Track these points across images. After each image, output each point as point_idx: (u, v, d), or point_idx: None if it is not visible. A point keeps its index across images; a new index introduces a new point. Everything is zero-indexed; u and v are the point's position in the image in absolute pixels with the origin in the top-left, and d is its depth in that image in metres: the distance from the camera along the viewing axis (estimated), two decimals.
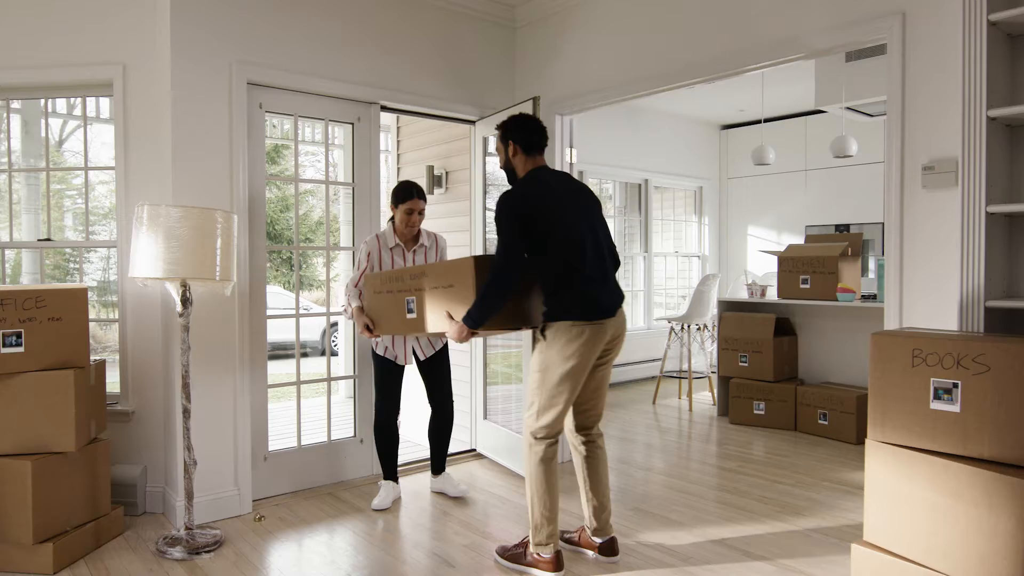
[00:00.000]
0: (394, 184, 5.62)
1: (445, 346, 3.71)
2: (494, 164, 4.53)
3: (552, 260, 2.68)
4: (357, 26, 3.89)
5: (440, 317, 2.89)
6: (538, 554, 2.75)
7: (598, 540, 2.91)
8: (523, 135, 2.84)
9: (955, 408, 2.22)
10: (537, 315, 2.82)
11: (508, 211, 2.68)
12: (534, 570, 2.76)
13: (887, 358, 2.37)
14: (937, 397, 2.26)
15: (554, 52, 4.35)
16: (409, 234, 3.55)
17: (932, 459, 2.25)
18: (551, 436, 2.74)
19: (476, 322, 2.67)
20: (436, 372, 3.67)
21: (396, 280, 3.13)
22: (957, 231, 2.60)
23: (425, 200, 3.53)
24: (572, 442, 2.97)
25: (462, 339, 2.76)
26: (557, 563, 2.74)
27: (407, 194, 3.48)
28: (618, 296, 2.80)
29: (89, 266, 7.70)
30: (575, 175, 4.43)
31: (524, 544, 2.83)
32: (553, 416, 2.72)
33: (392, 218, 3.58)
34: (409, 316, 3.06)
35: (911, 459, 2.31)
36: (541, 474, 2.74)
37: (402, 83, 4.07)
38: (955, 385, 2.22)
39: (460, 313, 2.76)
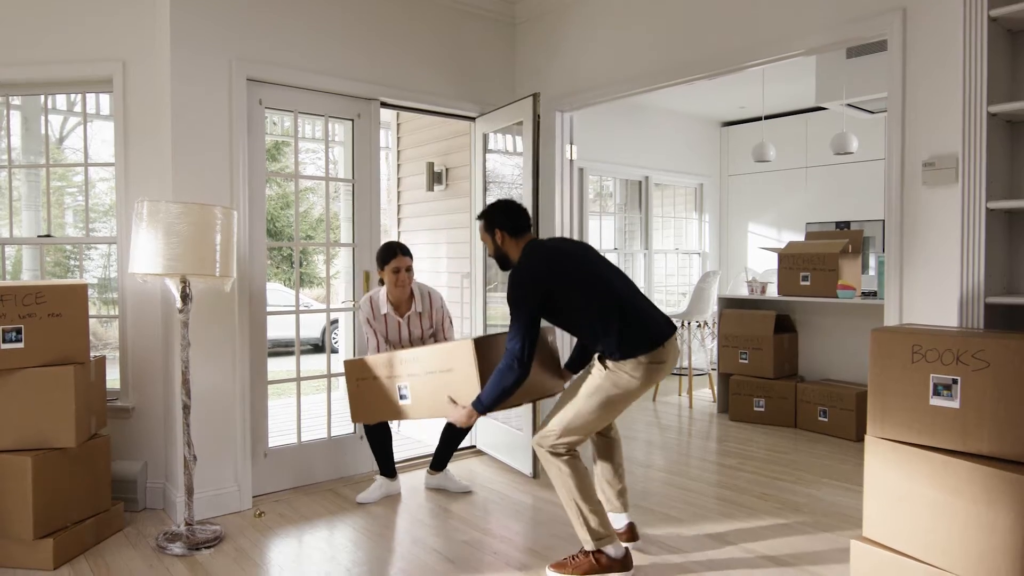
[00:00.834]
0: (394, 172, 5.60)
1: None
2: (495, 161, 4.52)
3: (588, 305, 2.63)
4: (357, 22, 3.88)
5: (440, 402, 2.90)
6: (603, 552, 2.65)
7: (618, 527, 2.92)
8: (508, 221, 2.82)
9: (955, 404, 2.23)
10: (541, 389, 2.85)
11: (521, 288, 2.63)
12: (610, 574, 2.66)
13: (887, 354, 2.37)
14: (937, 393, 2.26)
15: (554, 48, 4.34)
16: (401, 295, 3.50)
17: (931, 455, 2.26)
18: (572, 449, 2.70)
19: (487, 408, 2.66)
20: None
21: (385, 367, 3.10)
22: (957, 227, 2.60)
23: (410, 256, 3.49)
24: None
25: (469, 424, 2.77)
26: (626, 561, 2.69)
27: (390, 253, 3.44)
28: (665, 318, 2.73)
29: (90, 263, 7.70)
30: (575, 172, 4.44)
31: (583, 552, 2.69)
32: (579, 437, 2.69)
33: (381, 279, 3.56)
34: (403, 402, 3.05)
35: (910, 455, 2.31)
36: (575, 474, 2.66)
37: (402, 79, 4.07)
38: (955, 381, 2.22)
39: (463, 397, 2.77)
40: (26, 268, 4.25)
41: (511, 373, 2.59)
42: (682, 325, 6.21)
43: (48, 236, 3.75)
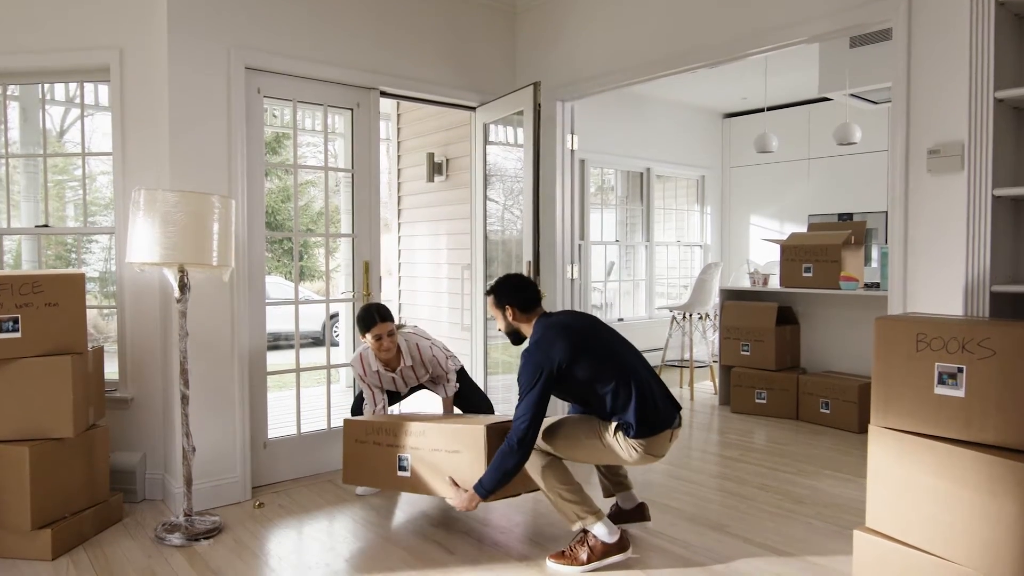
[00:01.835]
0: (394, 163, 5.56)
1: (461, 370, 3.68)
2: (495, 153, 4.50)
3: (603, 381, 2.64)
4: (357, 10, 3.85)
5: (441, 482, 2.90)
6: (596, 536, 2.66)
7: (630, 506, 2.98)
8: (517, 298, 2.82)
9: (959, 393, 2.20)
10: None
11: (534, 367, 2.62)
12: (608, 559, 2.67)
13: (891, 343, 2.35)
14: (941, 382, 2.24)
15: (555, 37, 4.30)
16: (388, 357, 3.42)
17: (935, 444, 2.23)
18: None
19: (489, 492, 2.66)
20: (464, 391, 3.64)
21: (388, 434, 3.06)
22: (962, 215, 2.57)
23: (391, 319, 3.38)
24: None
25: (470, 509, 2.76)
26: (622, 544, 2.70)
27: (370, 321, 3.31)
28: (674, 400, 2.75)
29: (90, 257, 7.69)
30: (576, 163, 4.41)
31: (579, 541, 2.70)
32: (554, 450, 2.76)
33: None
34: (401, 474, 3.03)
35: (914, 445, 2.28)
36: (550, 463, 2.73)
37: (402, 68, 4.04)
38: (960, 370, 2.20)
39: (464, 480, 2.79)
40: (25, 260, 4.23)
41: (512, 456, 2.60)
42: (684, 317, 6.18)
43: (45, 226, 3.73)
